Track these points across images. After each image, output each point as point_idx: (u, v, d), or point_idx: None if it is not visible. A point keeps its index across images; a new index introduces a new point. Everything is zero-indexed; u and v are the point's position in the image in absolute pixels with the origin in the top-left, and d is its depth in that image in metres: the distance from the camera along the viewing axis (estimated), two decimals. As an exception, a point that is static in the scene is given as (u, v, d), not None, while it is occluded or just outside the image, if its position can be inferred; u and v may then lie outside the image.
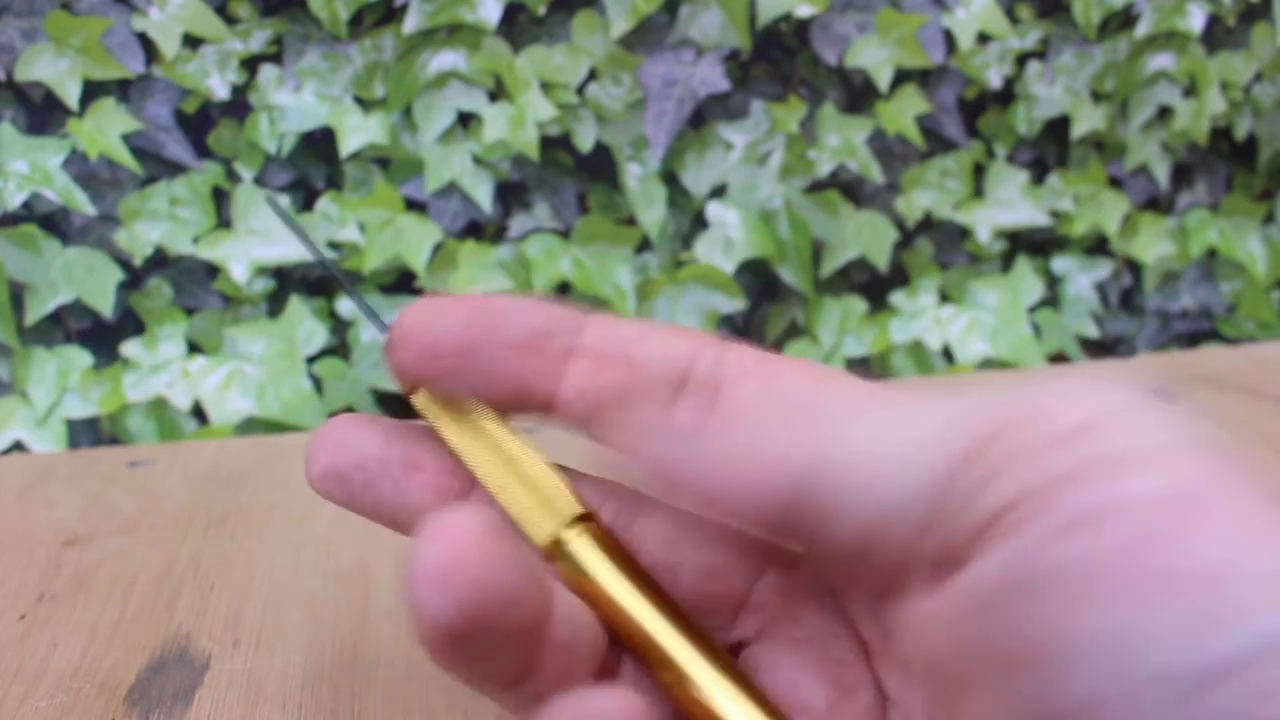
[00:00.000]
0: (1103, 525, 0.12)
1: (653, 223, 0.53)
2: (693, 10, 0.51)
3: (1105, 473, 0.13)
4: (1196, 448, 0.13)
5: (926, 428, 0.15)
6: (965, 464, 0.14)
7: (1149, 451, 0.13)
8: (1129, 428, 0.13)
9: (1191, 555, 0.12)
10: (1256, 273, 0.61)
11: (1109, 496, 0.12)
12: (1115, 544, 0.12)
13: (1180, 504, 0.12)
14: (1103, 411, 0.13)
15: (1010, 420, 0.14)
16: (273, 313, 0.51)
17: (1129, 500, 0.12)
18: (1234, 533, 0.12)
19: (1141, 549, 0.12)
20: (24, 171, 0.47)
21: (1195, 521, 0.12)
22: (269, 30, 0.48)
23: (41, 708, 0.29)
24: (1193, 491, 0.12)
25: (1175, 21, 0.56)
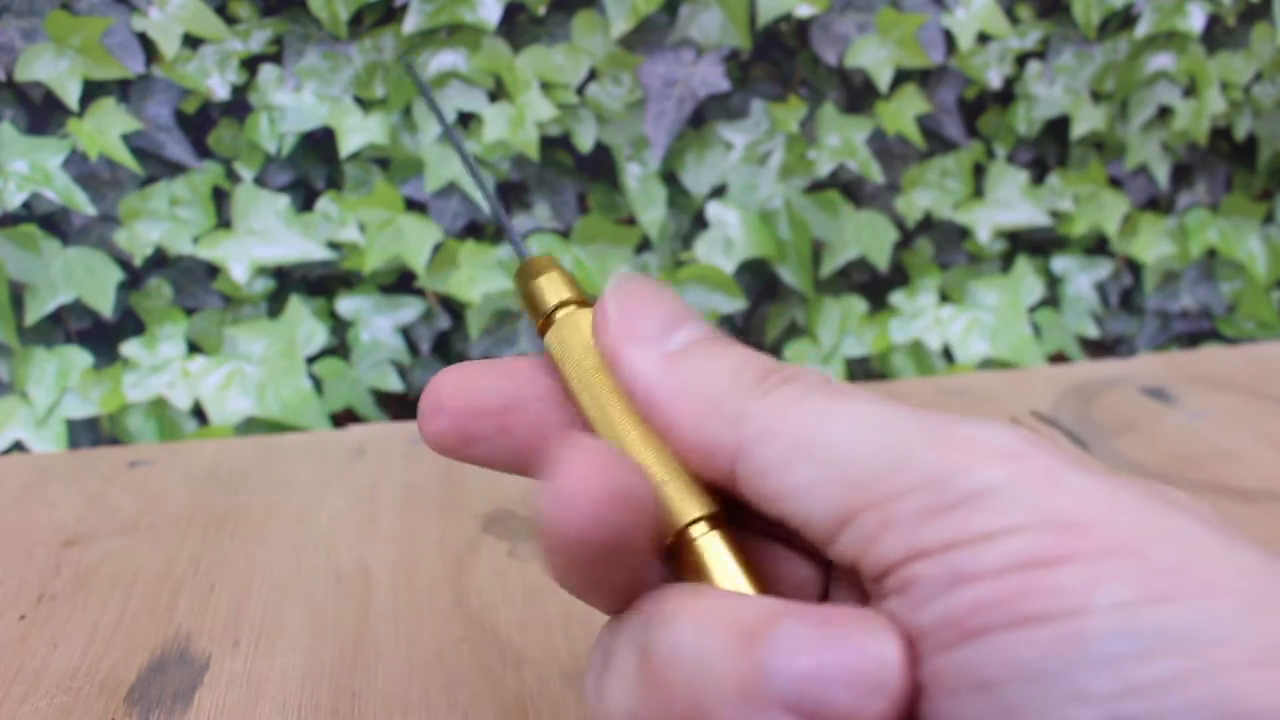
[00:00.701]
0: (976, 585, 0.15)
1: (653, 223, 0.53)
2: (693, 10, 0.51)
3: (971, 546, 0.15)
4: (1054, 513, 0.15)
5: (825, 463, 0.17)
6: (849, 519, 0.16)
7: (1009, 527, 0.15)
8: (995, 505, 0.15)
9: (1045, 603, 0.14)
10: (1256, 273, 0.61)
11: (975, 566, 0.15)
12: (982, 602, 0.14)
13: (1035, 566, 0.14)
14: (970, 490, 0.15)
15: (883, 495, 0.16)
16: (273, 313, 0.51)
17: (992, 569, 0.14)
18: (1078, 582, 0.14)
19: (1002, 605, 0.14)
20: (24, 171, 0.47)
21: (1047, 578, 0.14)
22: (269, 30, 0.48)
23: (41, 708, 0.29)
24: (1046, 555, 0.14)
25: (1175, 21, 0.56)
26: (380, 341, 0.52)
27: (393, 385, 0.52)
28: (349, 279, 0.52)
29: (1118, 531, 0.14)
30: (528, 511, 0.40)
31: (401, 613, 0.34)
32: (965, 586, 0.15)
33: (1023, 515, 0.15)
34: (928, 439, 0.16)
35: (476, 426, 0.20)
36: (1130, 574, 0.14)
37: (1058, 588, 0.14)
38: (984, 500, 0.15)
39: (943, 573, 0.15)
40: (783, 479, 0.17)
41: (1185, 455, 0.44)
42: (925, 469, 0.16)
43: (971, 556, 0.15)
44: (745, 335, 0.56)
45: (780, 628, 0.15)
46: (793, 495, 0.17)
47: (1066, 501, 0.15)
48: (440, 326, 0.53)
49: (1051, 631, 0.14)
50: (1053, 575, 0.14)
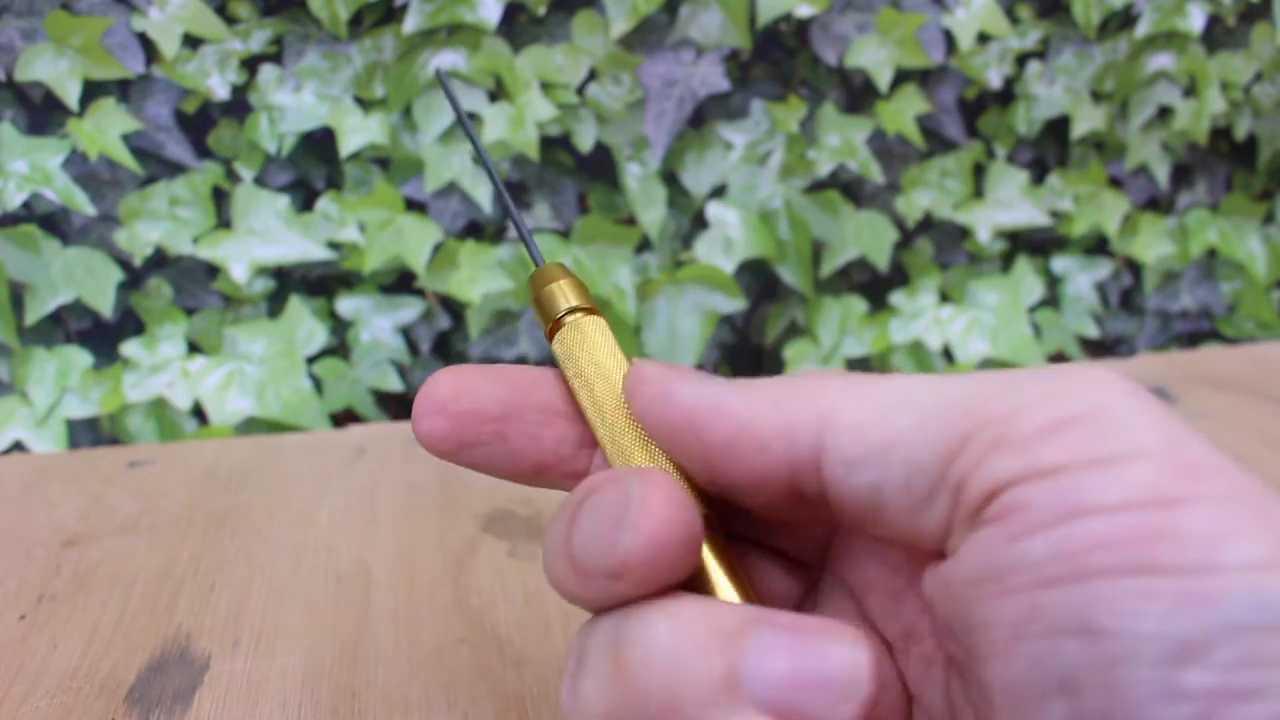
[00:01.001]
0: (1095, 519, 0.13)
1: (653, 223, 0.53)
2: (693, 10, 0.51)
3: (1089, 472, 0.14)
4: (1174, 447, 0.14)
5: (928, 405, 0.16)
6: (961, 445, 0.15)
7: (1130, 452, 0.14)
8: (1112, 427, 0.14)
9: (1169, 551, 0.13)
10: (1256, 273, 0.61)
11: (1095, 497, 0.13)
12: (1099, 539, 0.13)
13: (1158, 505, 0.13)
14: (1087, 409, 0.14)
15: (999, 412, 0.15)
16: (273, 313, 0.51)
17: (1112, 502, 0.13)
18: (1206, 530, 0.13)
19: (1122, 545, 0.13)
20: (24, 171, 0.47)
21: (1171, 521, 0.13)
22: (269, 30, 0.48)
23: (41, 708, 0.29)
24: (1170, 492, 0.13)
25: (1175, 21, 0.56)
26: (380, 341, 0.52)
27: (393, 385, 0.52)
28: (349, 279, 0.52)
29: (1238, 480, 0.13)
30: (527, 511, 0.40)
31: (401, 613, 0.34)
32: (1084, 519, 0.13)
33: (1147, 441, 0.14)
34: (1034, 371, 0.15)
35: (475, 431, 0.20)
36: (1259, 528, 0.13)
37: (1185, 534, 0.13)
38: (1104, 419, 0.14)
39: (1058, 501, 0.14)
40: (885, 427, 0.16)
41: (1185, 455, 0.44)
42: (1040, 387, 0.15)
43: (1092, 484, 0.14)
44: (745, 335, 0.56)
45: (757, 631, 0.15)
46: (896, 444, 0.16)
47: (1186, 436, 0.14)
48: (440, 326, 0.53)
49: (1176, 586, 0.13)
50: (1179, 518, 0.13)
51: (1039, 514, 0.14)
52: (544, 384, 0.22)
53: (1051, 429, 0.14)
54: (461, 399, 0.20)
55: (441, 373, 0.21)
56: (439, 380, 0.20)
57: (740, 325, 0.56)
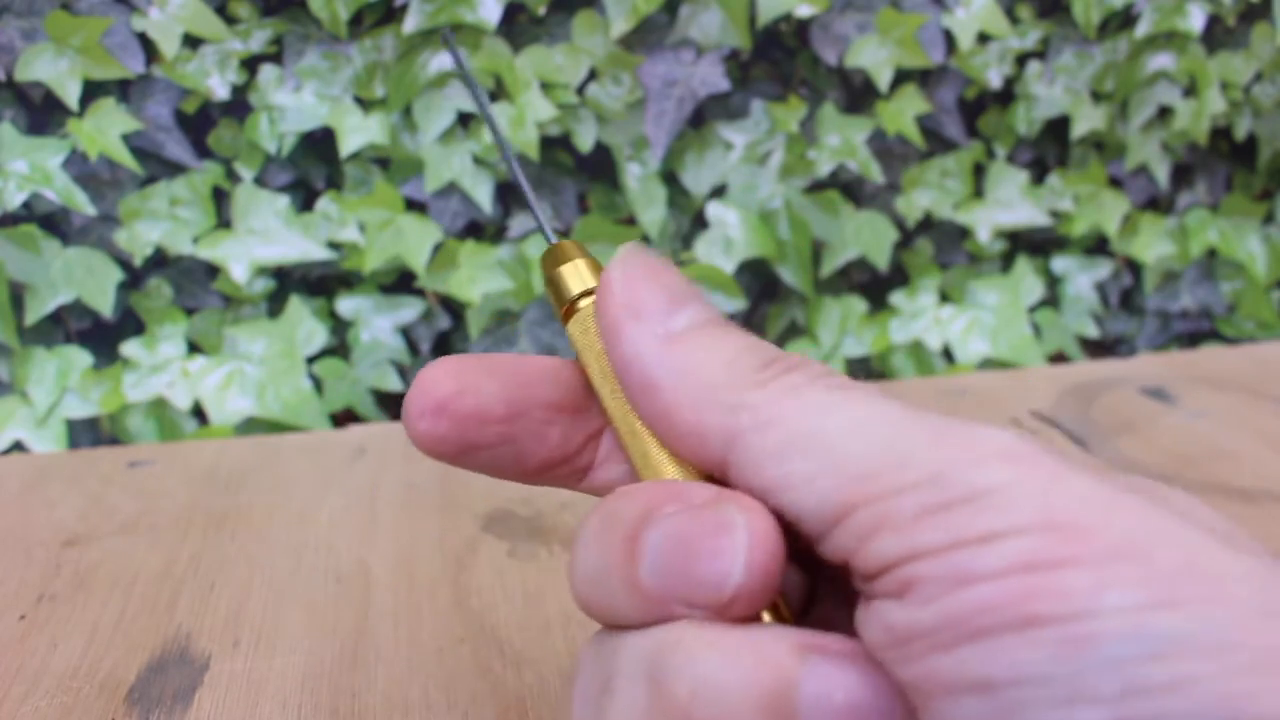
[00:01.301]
0: (979, 586, 0.14)
1: (653, 223, 0.53)
2: (693, 10, 0.51)
3: (970, 549, 0.15)
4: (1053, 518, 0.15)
5: (823, 458, 0.16)
6: (846, 513, 0.16)
7: (1008, 529, 0.15)
8: (992, 506, 0.15)
9: (1050, 605, 0.14)
10: (1256, 273, 0.61)
11: (977, 567, 0.14)
12: (985, 603, 0.14)
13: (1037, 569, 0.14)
14: (968, 491, 0.15)
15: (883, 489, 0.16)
16: (273, 313, 0.51)
17: (994, 570, 0.14)
18: (1084, 585, 0.14)
19: (1005, 606, 0.14)
20: (24, 171, 0.47)
21: (1050, 580, 0.14)
22: (269, 30, 0.48)
23: (41, 708, 0.29)
24: (1048, 558, 0.14)
25: (1175, 21, 0.56)
26: (380, 341, 0.52)
27: (393, 385, 0.52)
28: (349, 279, 0.52)
29: (1121, 535, 0.14)
30: (527, 511, 0.40)
31: (401, 613, 0.34)
32: (968, 587, 0.14)
33: (1025, 516, 0.15)
34: (929, 437, 0.16)
35: (479, 434, 0.19)
36: (1136, 578, 0.14)
37: (1064, 590, 0.14)
38: (986, 500, 0.15)
39: (944, 573, 0.15)
40: (778, 470, 0.17)
41: (1185, 455, 0.44)
42: (926, 466, 0.15)
43: (974, 557, 0.14)
44: (745, 335, 0.56)
45: (809, 662, 0.16)
46: (786, 487, 0.17)
47: (1069, 503, 0.15)
48: (440, 326, 0.53)
49: (1058, 633, 0.14)
50: (1058, 578, 0.14)
51: (927, 587, 0.15)
52: (548, 376, 0.21)
53: (932, 512, 0.15)
54: (465, 399, 0.19)
55: (437, 366, 0.19)
56: (435, 376, 0.19)
57: (740, 325, 0.56)
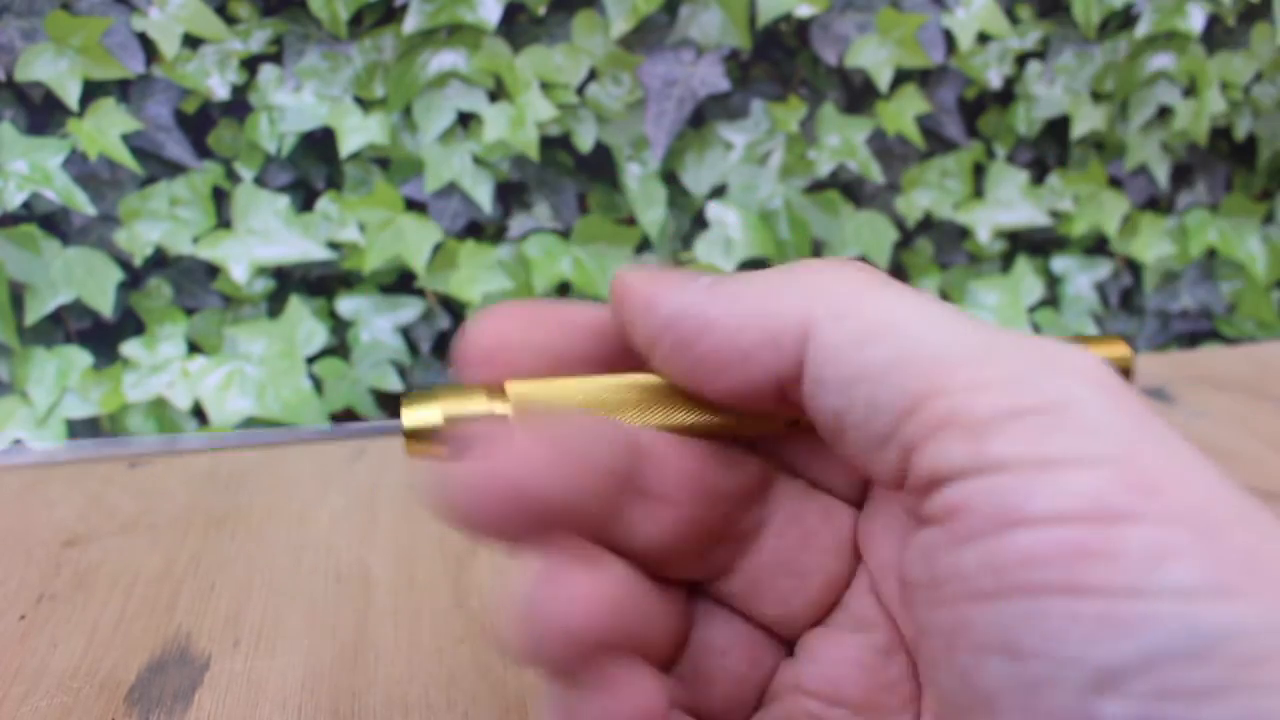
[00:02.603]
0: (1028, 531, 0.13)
1: (653, 223, 0.53)
2: (693, 10, 0.51)
3: (1033, 474, 0.13)
4: (1132, 454, 0.13)
5: (904, 344, 0.15)
6: (918, 404, 0.15)
7: (1081, 456, 0.13)
8: (1071, 424, 0.13)
9: (1100, 571, 0.12)
10: (1256, 273, 0.61)
11: (1032, 506, 0.13)
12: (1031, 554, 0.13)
13: (1097, 520, 0.13)
14: (1051, 399, 0.14)
15: (960, 382, 0.14)
16: (273, 313, 0.51)
17: (1050, 513, 0.13)
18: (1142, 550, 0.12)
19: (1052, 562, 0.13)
20: (24, 171, 0.47)
21: (1107, 538, 0.12)
22: (269, 30, 0.48)
23: (41, 708, 0.29)
24: (1113, 506, 0.13)
25: (1175, 21, 0.56)
26: (380, 341, 0.52)
27: (393, 385, 0.52)
28: (349, 279, 0.52)
29: (1196, 497, 0.13)
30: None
31: (401, 613, 0.34)
32: (1017, 531, 0.13)
33: (1102, 445, 0.13)
34: (1014, 341, 0.15)
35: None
36: (1200, 552, 0.12)
37: (1118, 553, 0.12)
38: (1064, 414, 0.13)
39: (995, 507, 0.13)
40: (856, 356, 0.15)
41: (1185, 455, 0.44)
42: (1010, 364, 0.14)
43: (1035, 487, 0.13)
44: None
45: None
46: (862, 378, 0.15)
47: (1149, 446, 0.13)
48: (440, 326, 0.53)
49: (1102, 609, 0.12)
50: (1116, 535, 0.12)
51: (975, 520, 0.14)
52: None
53: (1006, 417, 0.14)
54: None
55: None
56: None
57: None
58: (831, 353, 0.16)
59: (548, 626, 0.15)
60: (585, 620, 0.16)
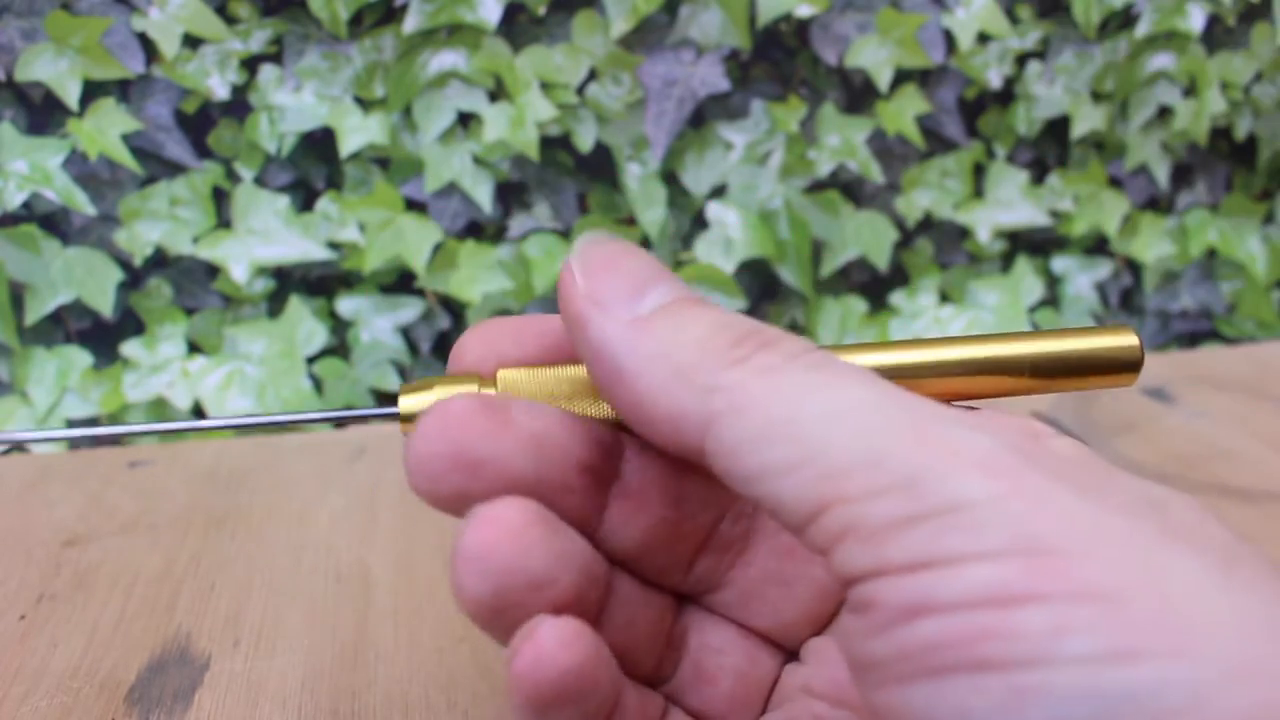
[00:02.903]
0: (935, 619, 0.14)
1: (653, 223, 0.53)
2: (693, 10, 0.51)
3: (933, 571, 0.14)
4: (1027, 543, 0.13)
5: (802, 447, 0.15)
6: (819, 511, 0.15)
7: (977, 552, 0.14)
8: (964, 524, 0.14)
9: (1003, 648, 0.13)
10: (1256, 273, 0.61)
11: (936, 597, 0.14)
12: (938, 639, 0.14)
13: (997, 604, 0.13)
14: (943, 503, 0.14)
15: (856, 490, 0.15)
16: (273, 313, 0.51)
17: (952, 601, 0.13)
18: (1042, 627, 0.13)
19: (958, 645, 0.13)
20: (24, 171, 0.47)
21: (1008, 619, 0.13)
22: (269, 30, 0.48)
23: (41, 708, 0.29)
24: (1011, 591, 0.13)
25: (1175, 21, 0.56)
26: (380, 341, 0.52)
27: (393, 385, 0.52)
28: (349, 279, 0.52)
29: (1097, 569, 0.13)
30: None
31: (401, 613, 0.34)
32: (924, 619, 0.14)
33: (997, 539, 0.14)
34: (911, 435, 0.15)
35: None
36: (1100, 623, 0.13)
37: (1020, 632, 0.13)
38: (959, 516, 0.14)
39: (902, 600, 0.14)
40: (754, 458, 0.16)
41: (1185, 455, 0.44)
42: (902, 469, 0.14)
43: (935, 583, 0.14)
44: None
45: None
46: (762, 478, 0.16)
47: (1047, 528, 0.14)
48: (440, 326, 0.53)
49: (1007, 681, 0.13)
50: (1017, 617, 0.13)
51: (884, 613, 0.14)
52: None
53: (901, 524, 0.14)
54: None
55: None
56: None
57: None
58: (730, 450, 0.16)
59: (472, 558, 0.16)
60: (511, 558, 0.16)
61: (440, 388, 0.19)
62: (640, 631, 0.20)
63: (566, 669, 0.16)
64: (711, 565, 0.21)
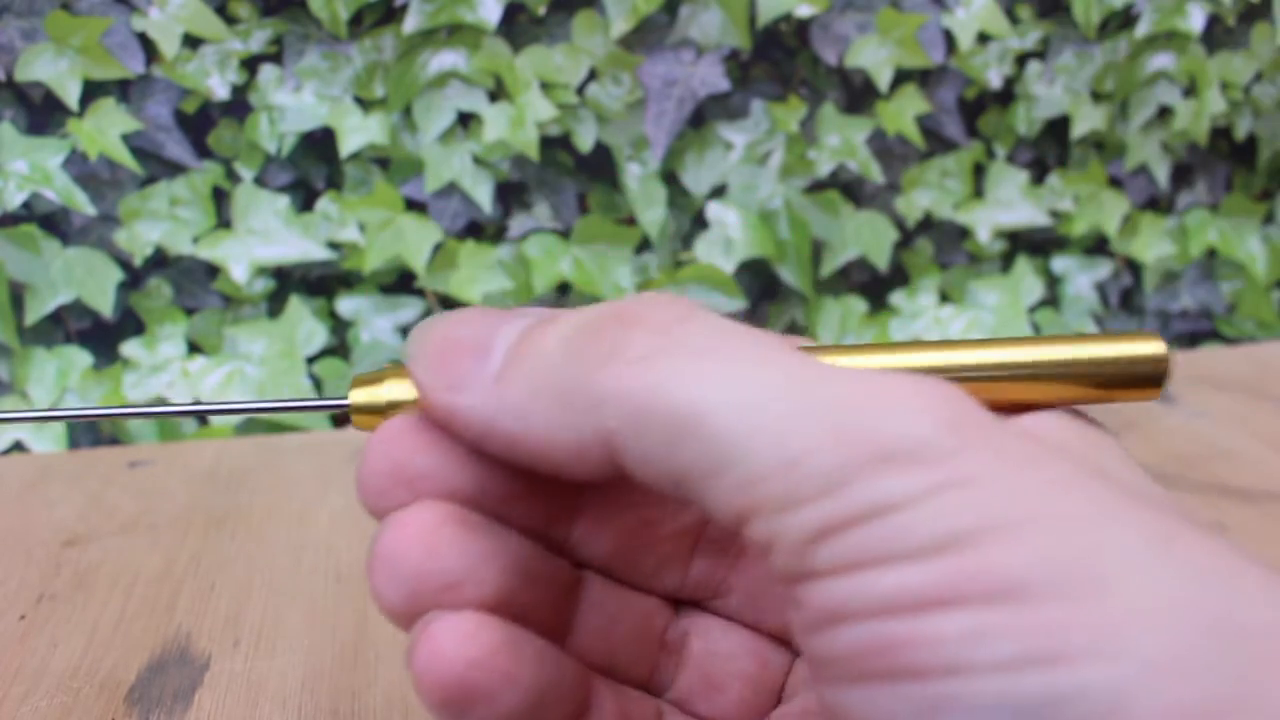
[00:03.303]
0: (857, 626, 0.13)
1: (653, 223, 0.53)
2: (693, 10, 0.51)
3: (853, 576, 0.13)
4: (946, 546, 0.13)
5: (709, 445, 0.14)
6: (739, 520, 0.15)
7: (898, 552, 0.13)
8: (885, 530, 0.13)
9: (920, 656, 0.13)
10: (1256, 273, 0.61)
11: (855, 603, 0.13)
12: (857, 647, 0.13)
13: (914, 610, 0.13)
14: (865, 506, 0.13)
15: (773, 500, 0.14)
16: (273, 313, 0.51)
17: (870, 608, 0.13)
18: (958, 632, 0.13)
19: (875, 654, 0.13)
20: (24, 171, 0.47)
21: (924, 627, 0.13)
22: (269, 30, 0.48)
23: (41, 708, 0.29)
24: (928, 595, 0.13)
25: (1175, 21, 0.56)
26: (380, 341, 0.52)
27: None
28: (349, 279, 0.52)
29: (1021, 562, 0.13)
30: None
31: (401, 613, 0.34)
32: (847, 625, 0.13)
33: (918, 539, 0.13)
34: (831, 427, 0.14)
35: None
36: (1017, 625, 0.12)
37: (937, 638, 0.13)
38: (882, 520, 0.13)
39: (826, 605, 0.14)
40: (666, 466, 0.15)
41: (1185, 455, 0.44)
42: (821, 473, 0.13)
43: (856, 588, 0.13)
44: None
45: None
46: (683, 483, 0.15)
47: (974, 519, 0.13)
48: (440, 326, 0.53)
49: (923, 690, 0.13)
50: (934, 622, 0.13)
51: (810, 615, 0.14)
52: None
53: (820, 534, 0.14)
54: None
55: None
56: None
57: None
58: (642, 464, 0.15)
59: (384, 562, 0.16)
60: (421, 560, 0.16)
61: (390, 381, 0.18)
62: (622, 635, 0.20)
63: (470, 661, 0.16)
64: (709, 568, 0.20)
